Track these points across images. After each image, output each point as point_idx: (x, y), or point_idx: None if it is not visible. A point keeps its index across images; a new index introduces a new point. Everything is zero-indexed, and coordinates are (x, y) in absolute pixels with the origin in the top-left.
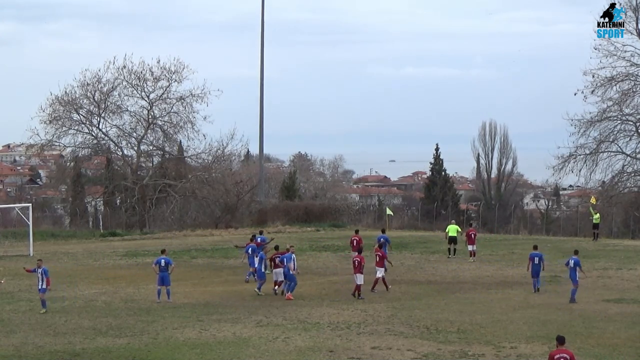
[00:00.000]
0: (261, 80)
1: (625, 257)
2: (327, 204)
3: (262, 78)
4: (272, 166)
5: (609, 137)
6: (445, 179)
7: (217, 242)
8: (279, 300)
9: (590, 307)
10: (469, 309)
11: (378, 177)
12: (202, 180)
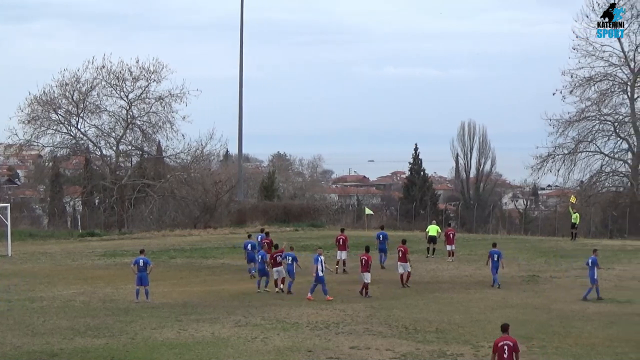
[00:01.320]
0: (240, 81)
1: (603, 257)
2: (306, 204)
3: (241, 78)
4: (251, 166)
5: (587, 137)
6: (424, 179)
7: (196, 242)
8: (257, 300)
9: (568, 307)
10: (448, 309)
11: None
12: (181, 180)
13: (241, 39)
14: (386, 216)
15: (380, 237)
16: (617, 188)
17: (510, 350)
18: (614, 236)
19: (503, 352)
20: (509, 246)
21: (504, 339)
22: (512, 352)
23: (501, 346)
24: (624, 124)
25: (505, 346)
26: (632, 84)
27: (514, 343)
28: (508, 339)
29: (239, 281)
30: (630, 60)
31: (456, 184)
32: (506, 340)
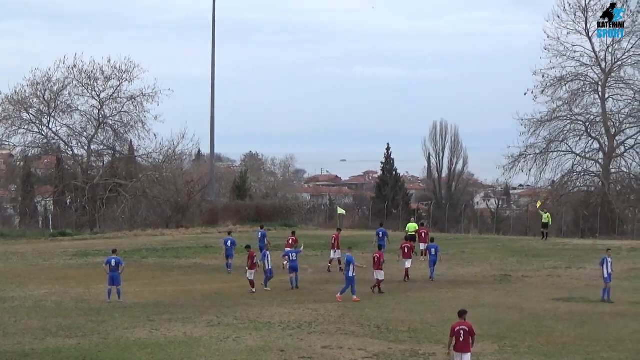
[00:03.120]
0: (212, 80)
1: (574, 256)
2: (278, 204)
3: (213, 78)
4: (223, 166)
5: (558, 136)
6: (396, 178)
7: (168, 242)
8: (230, 300)
9: (540, 306)
10: (420, 308)
11: (329, 177)
12: (153, 180)
13: (213, 38)
14: (358, 216)
15: (380, 234)
16: (589, 188)
17: (466, 334)
18: (585, 236)
19: (459, 336)
20: (481, 246)
21: (461, 323)
22: (468, 335)
23: (457, 330)
24: (595, 124)
25: (461, 330)
26: (603, 84)
27: (469, 327)
28: (464, 324)
29: (211, 281)
30: (602, 60)
31: (428, 183)
32: (462, 325)
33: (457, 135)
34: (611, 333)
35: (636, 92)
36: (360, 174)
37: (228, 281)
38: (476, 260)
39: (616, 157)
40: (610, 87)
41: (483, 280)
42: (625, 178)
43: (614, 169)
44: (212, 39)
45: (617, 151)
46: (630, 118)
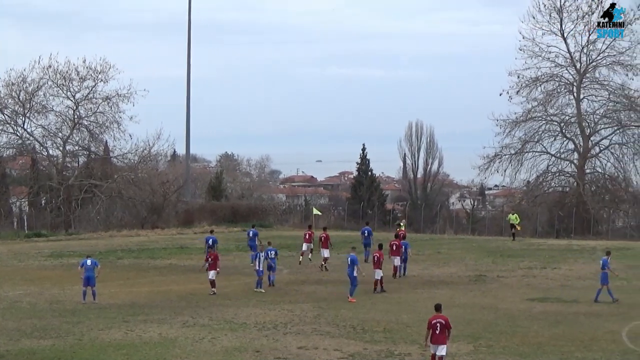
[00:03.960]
0: (188, 80)
1: (549, 257)
2: (253, 204)
3: (188, 78)
4: (199, 166)
5: (533, 137)
6: (371, 179)
7: (143, 243)
8: (204, 301)
9: (515, 306)
10: (396, 309)
11: (305, 177)
12: (128, 181)
13: (189, 38)
14: (334, 216)
15: (365, 233)
16: (564, 188)
17: (442, 327)
18: (560, 236)
19: (436, 328)
20: (456, 246)
21: (437, 317)
22: (444, 328)
23: (434, 323)
24: (570, 125)
25: (437, 323)
26: (578, 84)
27: (445, 321)
28: (440, 317)
29: (186, 282)
30: (576, 61)
31: (404, 184)
32: (439, 319)
33: (432, 136)
34: (586, 333)
35: (611, 93)
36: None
37: (204, 282)
38: (451, 260)
39: (591, 157)
40: (585, 87)
41: (458, 281)
42: (600, 178)
43: (589, 169)
44: (188, 39)
45: (592, 152)
46: (604, 119)
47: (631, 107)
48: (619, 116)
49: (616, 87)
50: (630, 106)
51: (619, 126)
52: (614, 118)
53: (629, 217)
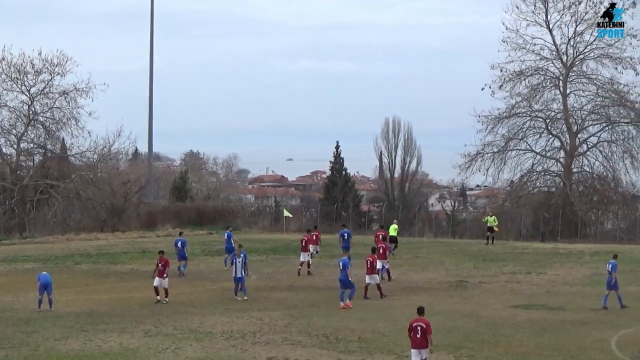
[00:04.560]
0: (150, 74)
1: (534, 261)
2: (220, 206)
3: (151, 72)
4: (162, 165)
5: (517, 134)
6: (345, 178)
7: (103, 247)
8: (168, 309)
9: (498, 314)
10: (371, 317)
11: (275, 177)
12: (87, 181)
13: (151, 29)
14: (306, 218)
15: (345, 235)
16: (549, 188)
17: (422, 330)
18: (546, 239)
19: (417, 332)
20: (436, 250)
21: (418, 320)
22: (425, 332)
23: (415, 326)
24: (556, 121)
25: (418, 327)
26: (564, 78)
27: (426, 324)
28: (422, 321)
29: (148, 288)
30: (563, 54)
31: (380, 184)
32: (420, 322)
33: (410, 133)
34: (573, 342)
35: (599, 87)
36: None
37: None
38: (431, 265)
39: (578, 155)
40: (571, 82)
41: (438, 287)
42: (587, 178)
43: (576, 168)
44: (151, 30)
45: (579, 149)
46: (592, 115)
47: (620, 103)
48: (607, 112)
49: (605, 82)
50: (620, 101)
51: (608, 123)
52: (603, 114)
53: (618, 219)
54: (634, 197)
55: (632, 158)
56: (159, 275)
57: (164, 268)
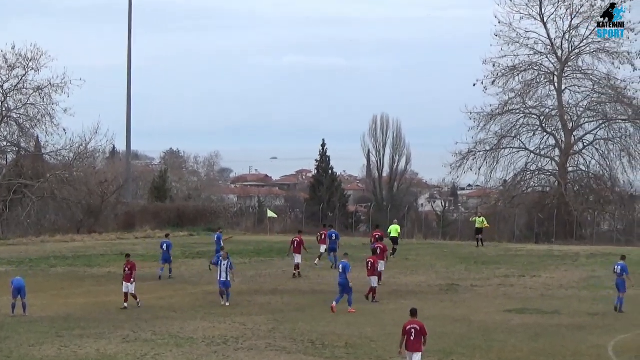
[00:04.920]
0: (129, 70)
1: (528, 263)
2: (201, 206)
3: (129, 67)
4: (141, 164)
5: (511, 131)
6: (332, 178)
7: (79, 249)
8: (147, 313)
9: (491, 318)
10: (358, 321)
11: (258, 176)
12: (63, 180)
13: (129, 23)
14: (290, 219)
15: (333, 236)
16: (544, 188)
17: (417, 333)
18: (540, 240)
19: (410, 334)
20: (426, 252)
21: (412, 322)
22: (420, 335)
23: (409, 329)
24: (551, 118)
25: (412, 329)
26: (559, 74)
27: (420, 327)
28: (416, 323)
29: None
30: (558, 48)
31: (368, 183)
32: (414, 324)
33: (399, 131)
34: (568, 347)
35: (595, 83)
36: (292, 173)
37: (146, 292)
38: (420, 267)
39: (574, 154)
40: (567, 77)
41: (428, 290)
42: (583, 177)
43: (572, 167)
44: (129, 24)
45: (575, 148)
46: (588, 111)
47: (618, 99)
48: (604, 109)
49: (601, 77)
50: (617, 98)
51: (605, 120)
52: (599, 111)
53: (615, 220)
54: (632, 197)
55: (629, 156)
56: (125, 279)
57: (131, 272)
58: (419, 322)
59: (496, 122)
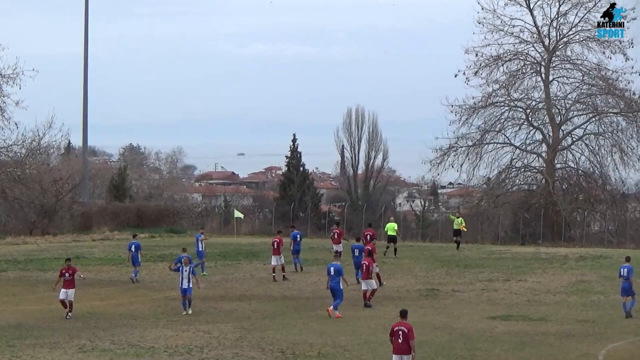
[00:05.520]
0: (85, 60)
1: (513, 267)
2: (163, 206)
3: (86, 57)
4: (98, 161)
5: (495, 125)
6: (303, 175)
7: (32, 252)
8: (105, 321)
9: (474, 326)
10: (332, 329)
11: (224, 174)
12: (14, 178)
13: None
14: (259, 220)
15: (298, 237)
16: (530, 186)
17: (404, 335)
18: (526, 242)
19: (398, 336)
20: (404, 254)
21: (400, 324)
22: (407, 338)
23: (396, 331)
24: (538, 111)
25: (400, 331)
26: (546, 64)
27: (408, 329)
28: (404, 325)
29: (83, 298)
30: (545, 37)
31: (342, 181)
32: (401, 326)
33: (375, 125)
34: (556, 356)
35: (585, 74)
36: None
37: (105, 298)
38: (398, 271)
39: (562, 149)
40: (554, 67)
41: (406, 296)
42: (572, 175)
43: (560, 163)
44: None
45: (563, 143)
46: (578, 104)
47: (609, 91)
48: (594, 101)
49: (591, 67)
50: (608, 89)
51: (595, 113)
52: (589, 103)
53: (606, 220)
54: (624, 195)
55: (621, 152)
56: (65, 286)
57: (72, 278)
58: (407, 324)
59: (479, 115)
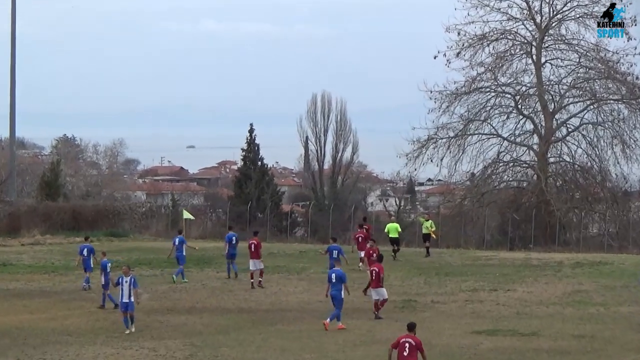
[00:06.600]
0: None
1: (501, 275)
2: (102, 205)
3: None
4: (28, 154)
5: (480, 114)
6: (262, 171)
7: None
8: (36, 337)
9: (456, 342)
10: (295, 346)
11: (172, 169)
12: None
13: None
14: (211, 221)
15: (233, 240)
16: (520, 183)
17: (411, 348)
18: (516, 247)
19: (403, 349)
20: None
21: (407, 336)
22: (415, 350)
23: (402, 343)
24: (528, 98)
25: (406, 343)
26: (537, 44)
27: (417, 342)
28: (411, 338)
29: (11, 311)
30: (536, 13)
31: (305, 177)
32: (409, 338)
33: (344, 113)
34: None
35: (581, 55)
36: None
37: (35, 310)
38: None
39: (556, 141)
40: (547, 48)
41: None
42: (568, 170)
43: (553, 157)
44: None
45: (558, 134)
46: (573, 90)
47: (608, 75)
48: (592, 86)
49: (588, 48)
50: (608, 73)
51: (593, 100)
52: (586, 89)
53: (606, 222)
54: (626, 193)
55: (623, 144)
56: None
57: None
58: (415, 338)
59: (462, 102)
